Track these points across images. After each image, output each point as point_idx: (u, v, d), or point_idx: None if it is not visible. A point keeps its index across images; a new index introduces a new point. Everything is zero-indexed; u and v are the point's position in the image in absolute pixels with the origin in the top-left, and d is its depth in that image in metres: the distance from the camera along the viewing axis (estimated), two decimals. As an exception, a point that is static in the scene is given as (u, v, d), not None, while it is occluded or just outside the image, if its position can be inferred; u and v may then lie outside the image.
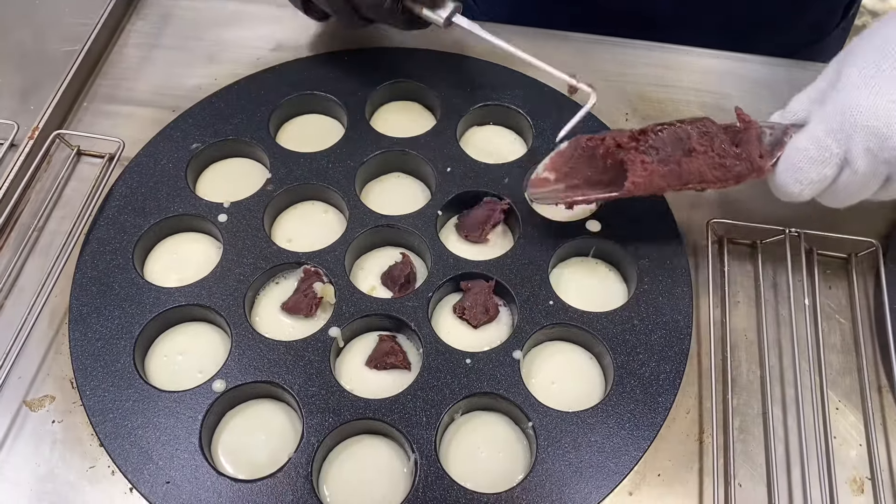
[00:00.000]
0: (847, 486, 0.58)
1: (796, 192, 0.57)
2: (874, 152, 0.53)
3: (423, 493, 0.55)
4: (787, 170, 0.57)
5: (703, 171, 0.59)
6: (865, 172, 0.54)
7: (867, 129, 0.53)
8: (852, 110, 0.53)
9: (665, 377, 0.61)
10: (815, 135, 0.55)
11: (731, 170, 0.59)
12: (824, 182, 0.56)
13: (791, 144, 0.57)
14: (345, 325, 0.63)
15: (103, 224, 0.68)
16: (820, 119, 0.55)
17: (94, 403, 0.59)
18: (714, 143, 0.59)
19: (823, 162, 0.55)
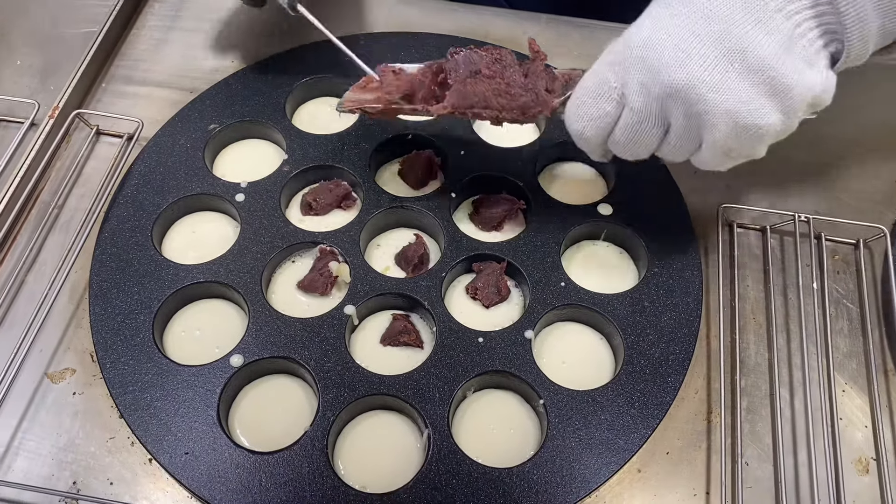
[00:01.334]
0: (852, 467, 0.59)
1: (579, 128, 0.56)
2: (647, 87, 0.51)
3: (435, 466, 0.56)
4: (571, 105, 0.56)
5: (487, 95, 0.58)
6: (640, 109, 0.52)
7: (642, 62, 0.51)
8: (631, 43, 0.52)
9: (674, 358, 0.62)
10: (597, 69, 0.54)
11: (517, 99, 0.58)
12: (605, 119, 0.54)
13: (579, 83, 0.56)
14: (360, 304, 0.64)
15: (122, 202, 0.69)
16: (606, 53, 0.54)
17: (114, 376, 0.60)
18: (504, 72, 0.58)
19: (602, 95, 0.54)
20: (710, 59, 0.49)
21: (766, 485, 0.58)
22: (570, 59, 0.81)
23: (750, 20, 0.48)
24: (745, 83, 0.49)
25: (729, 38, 0.49)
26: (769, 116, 0.50)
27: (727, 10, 0.49)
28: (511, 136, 0.75)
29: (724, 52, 0.49)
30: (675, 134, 0.53)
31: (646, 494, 0.58)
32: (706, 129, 0.51)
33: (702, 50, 0.49)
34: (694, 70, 0.49)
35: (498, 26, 0.84)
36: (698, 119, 0.51)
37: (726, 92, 0.49)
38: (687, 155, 0.55)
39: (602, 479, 0.57)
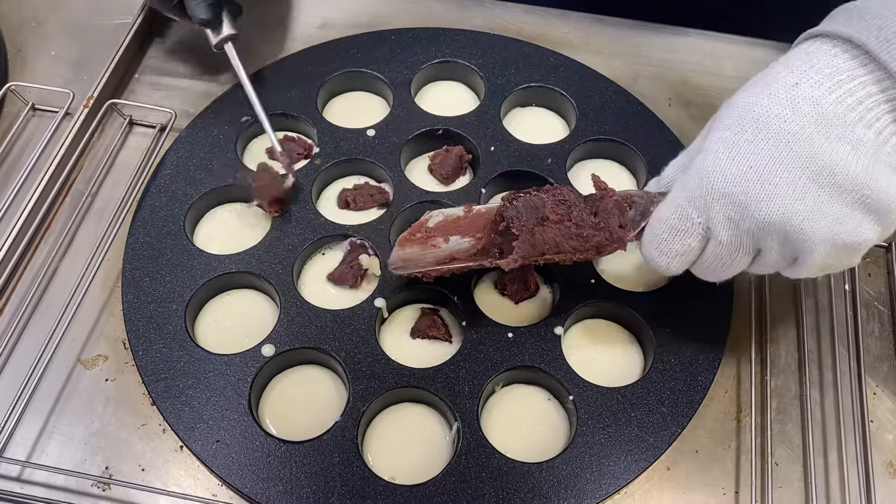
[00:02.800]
0: (883, 469, 0.59)
1: (663, 264, 0.54)
2: (736, 221, 0.50)
3: (465, 459, 0.57)
4: (651, 241, 0.54)
5: (558, 240, 0.56)
6: (730, 243, 0.51)
7: (726, 197, 0.49)
8: (710, 176, 0.49)
9: (704, 357, 0.62)
10: (676, 202, 0.52)
11: (590, 240, 0.56)
12: (690, 253, 0.53)
13: (654, 214, 0.54)
14: (390, 297, 0.64)
15: (155, 192, 0.70)
16: (681, 186, 0.52)
17: (146, 364, 0.61)
18: (571, 212, 0.56)
19: (685, 232, 0.52)
20: (800, 187, 0.47)
21: (795, 486, 0.58)
22: (601, 57, 0.81)
23: (832, 136, 0.47)
24: (839, 205, 0.47)
25: (815, 161, 0.47)
26: (868, 232, 0.48)
27: (806, 129, 0.47)
28: (542, 133, 0.75)
29: (812, 177, 0.47)
30: (768, 260, 0.52)
31: (675, 492, 0.58)
32: (804, 254, 0.49)
33: (789, 178, 0.47)
34: (785, 200, 0.47)
35: (529, 23, 0.84)
36: (794, 246, 0.49)
37: (822, 218, 0.47)
38: (777, 270, 0.54)
39: (631, 476, 0.57)
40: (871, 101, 0.47)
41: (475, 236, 0.59)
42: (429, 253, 0.60)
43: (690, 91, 0.80)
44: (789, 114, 0.48)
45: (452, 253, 0.59)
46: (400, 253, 0.60)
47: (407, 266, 0.60)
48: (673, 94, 0.79)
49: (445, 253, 0.59)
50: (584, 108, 0.76)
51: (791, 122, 0.47)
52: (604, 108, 0.76)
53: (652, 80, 0.80)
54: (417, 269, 0.59)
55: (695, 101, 0.79)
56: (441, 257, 0.59)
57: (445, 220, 0.60)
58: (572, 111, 0.76)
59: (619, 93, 0.78)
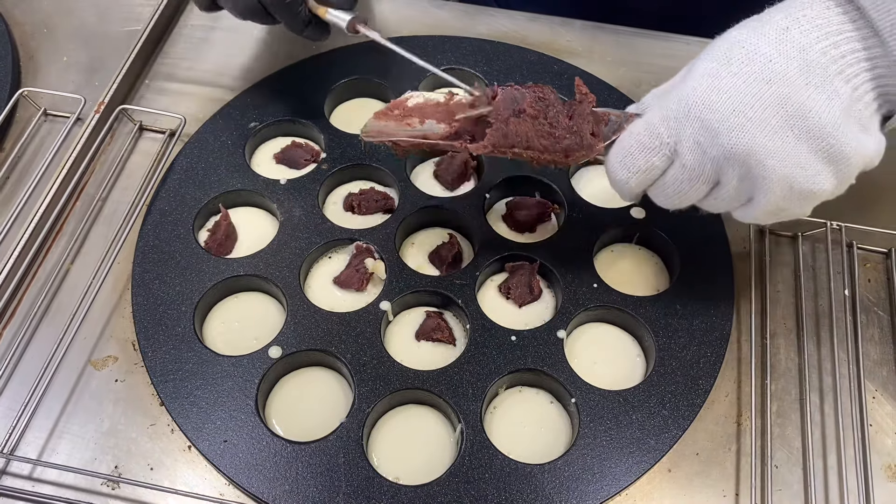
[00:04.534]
0: (882, 473, 0.60)
1: (623, 178, 0.55)
2: (703, 147, 0.51)
3: (468, 460, 0.57)
4: (618, 153, 0.55)
5: (529, 135, 0.56)
6: (693, 167, 0.52)
7: (700, 122, 0.50)
8: (688, 100, 0.51)
9: (705, 361, 0.63)
10: (650, 120, 0.53)
11: (560, 141, 0.56)
12: (652, 171, 0.54)
13: (626, 129, 0.55)
14: (395, 300, 0.65)
15: (165, 196, 0.71)
16: (659, 107, 0.53)
17: (155, 365, 0.62)
18: (548, 111, 0.56)
19: (653, 149, 0.53)
20: (771, 125, 0.49)
21: (795, 488, 0.59)
22: (604, 64, 0.82)
23: (811, 83, 0.48)
24: (804, 149, 0.49)
25: (790, 103, 0.48)
26: (825, 183, 0.50)
27: (788, 72, 0.48)
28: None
29: (785, 118, 0.49)
30: (724, 193, 0.53)
31: (675, 494, 0.58)
32: (759, 191, 0.51)
33: (763, 114, 0.49)
34: (755, 135, 0.49)
35: (533, 31, 0.86)
36: (753, 182, 0.51)
37: (785, 158, 0.49)
38: (729, 209, 0.55)
39: (632, 477, 0.58)
40: (853, 56, 0.49)
41: (449, 123, 0.59)
42: (402, 129, 0.60)
43: (692, 98, 0.80)
44: (775, 54, 0.49)
45: (426, 133, 0.59)
46: (375, 123, 0.60)
47: (380, 136, 0.60)
48: (675, 101, 0.80)
49: (419, 132, 0.60)
50: (587, 115, 0.77)
51: (776, 62, 0.49)
52: (607, 115, 0.77)
53: (654, 86, 0.81)
54: (388, 139, 0.60)
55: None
56: (414, 135, 0.60)
57: (426, 102, 0.60)
58: (576, 118, 0.77)
59: (622, 100, 0.78)
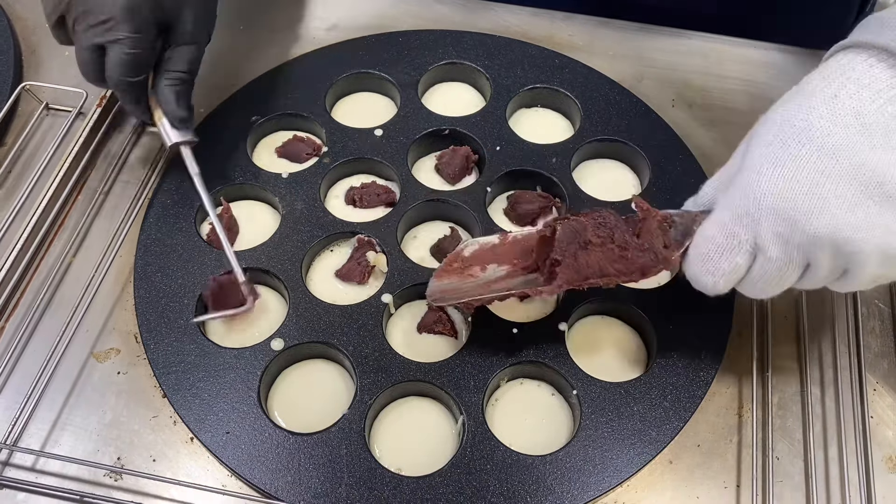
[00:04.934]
0: (883, 464, 0.60)
1: (710, 283, 0.53)
2: (785, 237, 0.49)
3: (470, 452, 0.58)
4: (697, 260, 0.53)
5: (602, 264, 0.55)
6: (780, 258, 0.50)
7: (775, 213, 0.48)
8: (757, 193, 0.49)
9: (706, 353, 0.63)
10: (722, 221, 0.51)
11: (635, 262, 0.55)
12: (738, 271, 0.52)
13: (699, 233, 0.53)
14: (396, 292, 0.65)
15: (167, 190, 0.71)
16: (726, 204, 0.52)
17: (157, 357, 0.62)
18: (613, 235, 0.55)
19: (733, 250, 0.51)
20: (849, 199, 0.47)
21: (796, 479, 0.59)
22: (605, 59, 0.82)
23: (877, 146, 0.47)
24: (889, 214, 0.47)
25: (862, 172, 0.47)
26: None
27: (850, 140, 0.47)
28: (547, 134, 0.76)
29: (860, 188, 0.47)
30: (818, 274, 0.51)
31: (677, 486, 0.59)
32: (855, 266, 0.49)
33: (837, 190, 0.47)
34: (835, 213, 0.47)
35: (534, 26, 0.86)
36: (846, 259, 0.49)
37: (873, 229, 0.47)
38: (826, 285, 0.53)
39: (634, 469, 0.58)
40: None
41: (512, 263, 0.59)
42: (467, 283, 0.59)
43: (693, 93, 0.81)
44: (831, 126, 0.47)
45: (491, 282, 0.58)
46: (438, 284, 0.59)
47: (446, 297, 0.59)
48: (676, 95, 0.81)
49: (484, 282, 0.59)
50: (588, 109, 0.77)
51: (834, 133, 0.47)
52: (608, 109, 0.77)
53: (655, 81, 0.81)
54: (457, 299, 0.59)
55: (698, 102, 0.80)
56: (480, 287, 0.59)
57: (481, 248, 0.60)
58: (577, 112, 0.77)
59: (623, 94, 0.79)
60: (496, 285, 0.59)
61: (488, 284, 0.59)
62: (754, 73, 0.82)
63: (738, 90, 0.81)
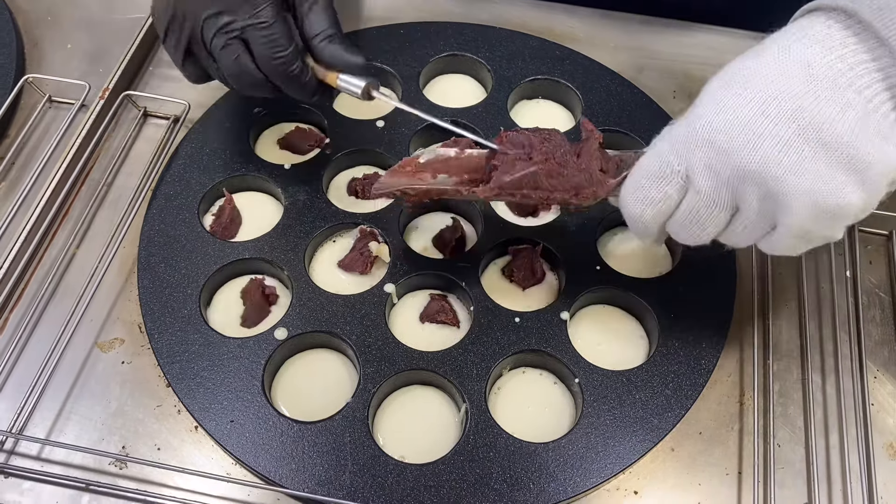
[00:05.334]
0: (883, 451, 0.60)
1: (637, 211, 0.53)
2: (716, 169, 0.49)
3: (473, 440, 0.58)
4: (630, 187, 0.53)
5: (538, 178, 0.55)
6: (708, 192, 0.50)
7: (709, 144, 0.48)
8: (694, 125, 0.49)
9: (708, 341, 0.63)
10: (659, 150, 0.52)
11: (569, 179, 0.55)
12: (667, 202, 0.52)
13: (637, 164, 0.54)
14: (399, 282, 0.65)
15: (170, 181, 0.71)
16: (666, 137, 0.52)
17: (161, 346, 0.62)
18: (556, 153, 0.55)
19: (664, 178, 0.51)
20: (784, 139, 0.47)
21: (797, 466, 0.59)
22: (606, 50, 0.83)
23: (820, 97, 0.46)
24: (822, 162, 0.46)
25: (801, 116, 0.47)
26: (851, 195, 0.47)
27: (794, 87, 0.47)
28: (548, 125, 0.76)
29: (798, 131, 0.47)
30: (745, 218, 0.51)
31: (679, 473, 0.59)
32: (782, 212, 0.48)
33: (774, 129, 0.47)
34: (768, 151, 0.47)
35: (535, 18, 0.86)
36: (774, 201, 0.48)
37: (804, 172, 0.47)
38: (754, 239, 0.53)
39: (636, 456, 0.58)
40: (861, 67, 0.47)
41: (462, 176, 0.60)
42: (414, 183, 0.60)
43: (694, 84, 0.81)
44: (777, 73, 0.48)
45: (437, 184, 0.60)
46: (386, 180, 0.61)
47: (390, 188, 0.61)
48: (677, 86, 0.81)
49: (431, 185, 0.60)
50: (589, 100, 0.77)
51: (780, 80, 0.47)
52: (609, 100, 0.77)
53: (656, 72, 0.82)
54: (397, 188, 0.61)
55: (698, 92, 0.80)
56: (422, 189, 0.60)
57: (436, 158, 0.60)
58: (578, 103, 0.77)
59: (624, 85, 0.79)
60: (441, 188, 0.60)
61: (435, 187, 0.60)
62: (755, 65, 0.82)
63: (739, 81, 0.81)
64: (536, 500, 0.56)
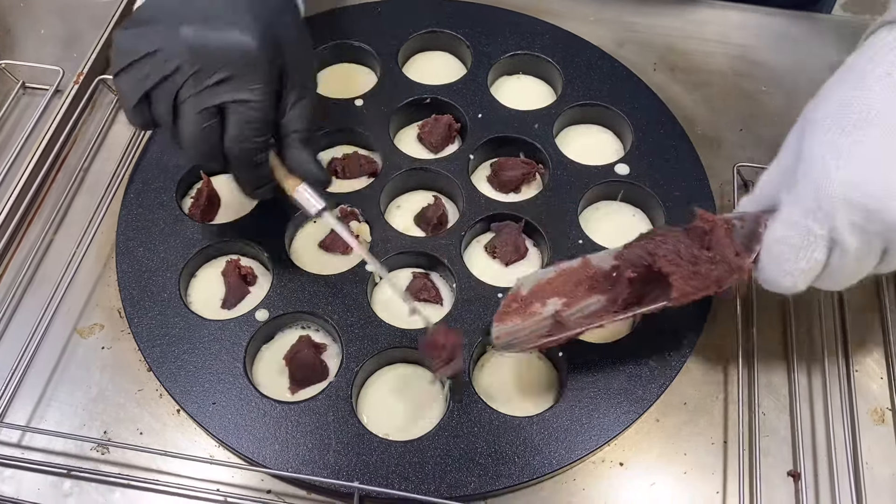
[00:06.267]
0: (868, 417, 0.60)
1: (789, 284, 0.51)
2: (862, 226, 0.47)
3: (457, 416, 0.58)
4: (772, 263, 0.51)
5: (678, 285, 0.54)
6: (859, 248, 0.48)
7: (848, 204, 0.47)
8: (825, 185, 0.47)
9: (691, 311, 0.62)
10: (792, 219, 0.49)
11: (709, 276, 0.53)
12: (816, 268, 0.50)
13: (768, 236, 0.51)
14: (381, 261, 0.65)
15: (147, 165, 0.70)
16: (793, 201, 0.50)
17: (141, 331, 0.62)
18: (682, 254, 0.54)
19: (809, 247, 0.49)
20: None
21: (782, 434, 0.59)
22: (586, 24, 0.82)
23: None
24: None
25: None
26: None
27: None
28: (529, 100, 0.76)
29: None
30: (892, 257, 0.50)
31: (664, 443, 0.59)
32: None
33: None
34: None
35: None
36: None
37: None
38: None
39: (621, 427, 0.58)
40: None
41: (570, 295, 0.57)
42: (531, 322, 0.57)
43: (675, 56, 0.80)
44: (888, 106, 0.46)
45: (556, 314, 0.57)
46: (501, 328, 0.57)
47: (514, 342, 0.57)
48: (658, 59, 0.80)
49: (547, 316, 0.57)
50: (570, 75, 0.76)
51: (893, 113, 0.46)
52: (590, 74, 0.77)
53: (637, 45, 0.81)
54: (527, 344, 0.57)
55: (679, 65, 0.80)
56: (545, 322, 0.57)
57: (538, 284, 0.58)
58: (559, 78, 0.77)
59: (605, 58, 0.78)
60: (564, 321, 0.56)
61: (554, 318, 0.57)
62: (735, 36, 0.82)
63: (720, 53, 0.81)
64: (521, 473, 0.56)
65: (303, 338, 0.61)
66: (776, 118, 0.76)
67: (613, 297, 0.57)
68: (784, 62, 0.80)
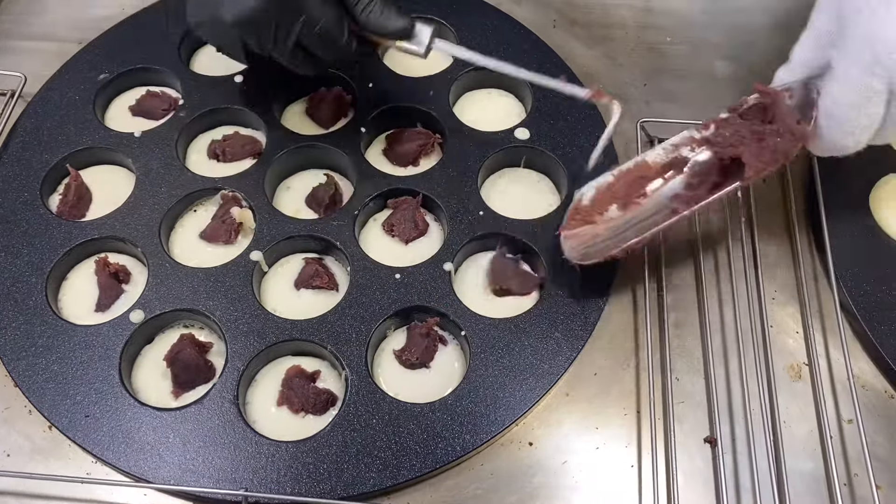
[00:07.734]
0: (784, 373, 0.58)
1: (851, 143, 0.52)
2: None
3: (354, 408, 0.54)
4: (833, 124, 0.52)
5: (750, 162, 0.55)
6: None
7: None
8: (883, 38, 0.47)
9: (598, 277, 0.60)
10: (850, 78, 0.50)
11: (777, 148, 0.54)
12: (875, 122, 0.51)
13: (825, 98, 0.51)
14: (266, 249, 0.60)
15: (8, 161, 0.65)
16: (847, 59, 0.50)
17: (4, 344, 0.56)
18: (745, 134, 0.55)
19: (869, 102, 0.50)
20: None
21: (697, 398, 0.57)
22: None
23: None
24: None
25: None
26: None
27: None
28: (423, 66, 0.71)
29: None
30: None
31: (574, 417, 0.56)
32: None
33: None
34: None
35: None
36: None
37: None
38: None
39: (528, 405, 0.55)
40: None
41: (632, 199, 0.58)
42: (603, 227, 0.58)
43: (575, 11, 0.77)
44: None
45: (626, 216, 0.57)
46: (571, 241, 0.57)
47: (591, 251, 0.57)
48: (557, 15, 0.77)
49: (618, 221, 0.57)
50: (464, 37, 0.72)
51: None
52: (485, 35, 0.73)
53: (534, 2, 0.77)
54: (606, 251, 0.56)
55: (579, 20, 0.76)
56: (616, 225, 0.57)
57: (597, 192, 0.58)
58: (452, 40, 0.73)
59: (501, 17, 0.74)
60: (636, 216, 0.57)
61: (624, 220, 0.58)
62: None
63: (618, 4, 0.77)
64: (424, 464, 0.52)
65: (184, 336, 0.57)
66: (682, 71, 0.73)
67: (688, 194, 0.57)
68: (692, 8, 0.76)
